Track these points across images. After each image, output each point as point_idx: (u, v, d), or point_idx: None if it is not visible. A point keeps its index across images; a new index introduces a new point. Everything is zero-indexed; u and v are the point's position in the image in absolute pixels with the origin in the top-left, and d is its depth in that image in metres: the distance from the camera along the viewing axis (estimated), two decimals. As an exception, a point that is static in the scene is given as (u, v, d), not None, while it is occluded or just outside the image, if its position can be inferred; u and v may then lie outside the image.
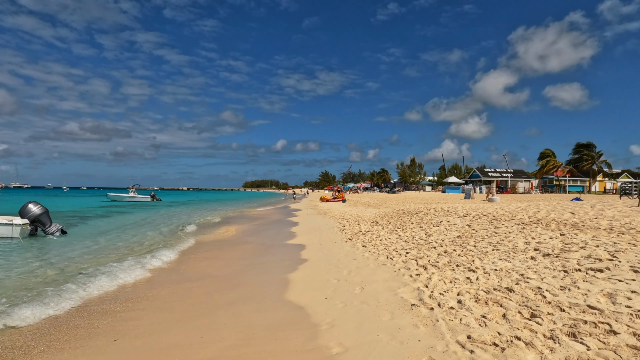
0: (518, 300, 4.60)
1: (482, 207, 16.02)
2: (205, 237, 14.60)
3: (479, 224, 10.87)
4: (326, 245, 10.61)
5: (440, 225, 11.52)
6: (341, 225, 15.21)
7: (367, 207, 26.68)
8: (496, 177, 71.92)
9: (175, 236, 14.73)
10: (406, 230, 11.46)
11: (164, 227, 18.12)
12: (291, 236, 13.54)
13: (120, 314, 5.53)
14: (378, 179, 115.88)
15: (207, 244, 12.87)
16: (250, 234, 15.59)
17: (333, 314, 4.86)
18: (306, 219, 21.37)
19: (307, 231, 14.91)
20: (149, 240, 13.46)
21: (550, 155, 66.01)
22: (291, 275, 7.36)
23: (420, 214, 14.90)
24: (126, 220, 21.67)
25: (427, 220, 12.81)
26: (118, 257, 10.13)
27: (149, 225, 19.00)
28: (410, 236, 10.25)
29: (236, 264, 9.17)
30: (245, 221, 21.78)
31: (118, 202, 47.56)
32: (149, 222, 20.48)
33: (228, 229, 17.17)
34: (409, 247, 8.80)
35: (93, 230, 16.90)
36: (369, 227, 13.47)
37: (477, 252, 7.51)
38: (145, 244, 12.69)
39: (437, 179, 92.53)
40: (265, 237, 13.99)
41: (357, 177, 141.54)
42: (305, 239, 12.46)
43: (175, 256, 10.32)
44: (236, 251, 11.16)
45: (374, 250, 8.90)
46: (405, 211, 17.26)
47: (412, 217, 14.51)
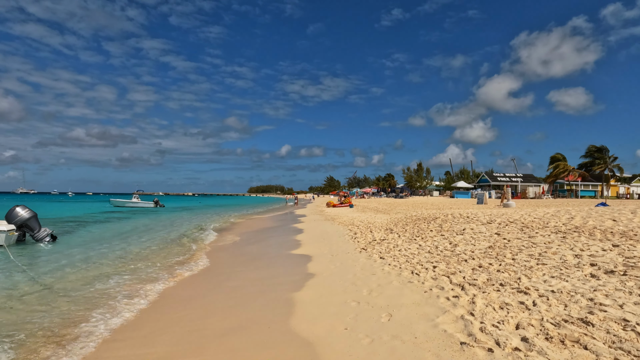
0: (605, 339, 3.44)
1: (504, 212, 14.80)
2: (200, 245, 13.52)
3: (509, 232, 9.68)
4: (338, 256, 9.47)
5: (464, 233, 10.34)
6: (352, 232, 14.06)
7: (376, 213, 25.50)
8: (505, 181, 70.39)
9: (168, 247, 13.68)
10: (426, 239, 10.30)
11: (161, 234, 17.08)
12: (296, 245, 12.42)
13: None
14: (384, 183, 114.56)
15: (202, 254, 11.79)
16: (251, 242, 14.49)
17: (359, 355, 3.72)
18: (312, 225, 20.24)
19: (315, 239, 13.78)
20: (141, 251, 12.41)
21: (561, 159, 64.45)
22: (298, 294, 6.23)
23: (438, 221, 13.73)
24: (123, 228, 20.66)
25: (448, 228, 11.64)
26: (103, 273, 9.08)
27: (146, 233, 17.97)
28: (433, 246, 9.09)
29: (233, 280, 8.06)
30: (245, 228, 20.71)
31: (120, 208, 46.71)
32: (147, 230, 19.45)
33: (226, 237, 16.10)
34: (434, 259, 7.65)
35: (86, 237, 15.88)
36: (383, 234, 12.32)
37: (519, 267, 6.34)
38: (133, 257, 11.64)
39: (444, 184, 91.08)
40: (267, 246, 12.89)
41: (362, 182, 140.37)
42: (312, 249, 11.33)
43: (164, 271, 9.24)
44: (233, 263, 10.05)
45: (394, 262, 7.75)
46: (420, 217, 16.08)
47: (429, 223, 13.34)
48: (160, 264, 9.96)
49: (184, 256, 11.27)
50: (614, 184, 70.33)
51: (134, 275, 8.65)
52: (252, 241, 14.82)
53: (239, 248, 13.06)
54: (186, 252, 11.91)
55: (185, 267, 9.67)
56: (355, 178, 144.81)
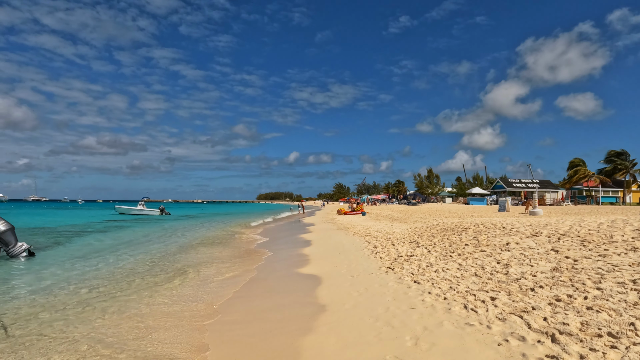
0: None
1: (540, 222, 12.97)
2: (191, 259, 11.92)
3: (569, 249, 7.91)
4: (359, 277, 7.77)
5: (511, 249, 8.59)
6: (371, 245, 12.36)
7: (392, 221, 23.74)
8: (521, 187, 68.01)
9: (157, 265, 12.14)
10: (464, 255, 8.56)
11: (157, 247, 15.56)
12: (303, 261, 10.76)
13: None
14: (394, 190, 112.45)
15: (190, 274, 10.19)
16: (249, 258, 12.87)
17: None
18: (323, 235, 18.55)
19: (327, 253, 12.10)
20: (122, 275, 10.87)
21: (580, 164, 61.97)
22: (308, 341, 4.56)
23: (470, 232, 11.96)
24: (120, 239, 19.18)
25: (486, 241, 9.88)
26: (57, 311, 7.52)
27: (142, 246, 16.45)
28: (478, 266, 7.36)
29: (221, 314, 6.42)
30: (247, 239, 19.12)
31: (126, 215, 45.53)
32: (144, 242, 17.93)
33: (223, 251, 14.52)
34: (487, 286, 5.93)
35: (71, 252, 14.37)
36: (409, 249, 10.59)
37: (615, 301, 4.61)
38: (108, 285, 10.09)
39: (456, 190, 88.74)
40: (267, 264, 11.25)
41: (371, 188, 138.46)
42: (324, 266, 9.65)
43: (142, 303, 7.66)
44: (224, 286, 8.42)
45: (435, 290, 6.05)
46: (446, 227, 14.31)
47: (460, 235, 11.59)
48: (136, 296, 8.37)
49: (169, 283, 9.61)
50: (636, 189, 67.56)
51: (94, 320, 7.06)
52: (251, 256, 13.21)
53: (234, 265, 11.45)
54: (174, 276, 10.32)
55: (160, 296, 8.07)
56: (365, 185, 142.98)
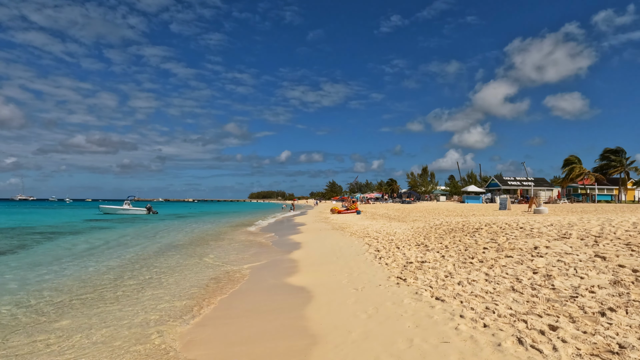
0: None
1: (563, 221, 11.68)
2: (165, 265, 10.44)
3: (616, 254, 6.59)
4: (365, 291, 6.36)
5: (542, 254, 7.25)
6: (372, 248, 10.97)
7: (389, 220, 22.41)
8: (516, 185, 67.36)
9: (121, 275, 10.65)
10: (487, 261, 7.21)
11: (134, 251, 14.03)
12: (290, 269, 9.35)
13: None
14: (387, 188, 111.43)
15: (156, 287, 8.74)
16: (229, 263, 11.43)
17: None
18: (317, 236, 17.15)
19: (322, 259, 10.69)
20: (71, 290, 9.37)
21: (576, 162, 61.23)
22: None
23: (483, 232, 10.63)
24: (95, 242, 17.56)
25: (508, 244, 8.54)
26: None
27: (115, 250, 14.90)
28: (511, 276, 5.99)
29: (185, 340, 4.98)
30: (230, 242, 17.65)
31: (111, 214, 43.65)
32: (119, 245, 16.35)
33: (202, 259, 13.06)
34: (535, 306, 4.56)
35: (33, 257, 12.78)
36: (417, 252, 9.22)
37: None
38: (46, 305, 8.59)
39: (449, 188, 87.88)
40: (248, 274, 9.82)
41: (364, 187, 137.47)
42: (317, 276, 8.24)
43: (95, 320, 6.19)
44: (186, 306, 6.98)
45: (467, 311, 4.66)
46: (453, 227, 12.98)
47: (473, 236, 10.25)
48: (71, 320, 6.89)
49: (122, 301, 8.19)
50: (631, 187, 67.20)
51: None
52: (232, 261, 11.76)
53: (211, 272, 9.99)
54: (136, 290, 8.85)
55: (99, 325, 6.60)
56: (357, 183, 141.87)
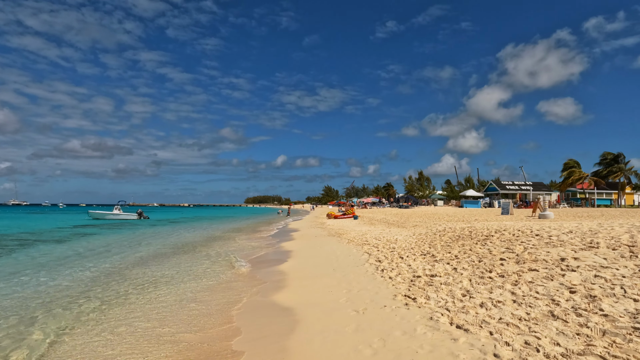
0: None
1: (583, 227, 10.68)
2: (142, 278, 9.31)
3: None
4: (368, 315, 5.29)
5: (573, 266, 6.22)
6: (372, 257, 9.91)
7: (388, 226, 21.37)
8: (515, 190, 66.62)
9: (92, 288, 9.55)
10: (509, 275, 6.17)
11: (112, 260, 12.88)
12: (279, 282, 8.27)
13: None
14: (383, 193, 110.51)
15: (124, 306, 7.63)
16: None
17: None
18: (312, 244, 16.07)
19: (316, 270, 9.62)
20: (28, 306, 8.26)
21: (575, 166, 60.59)
22: None
23: (494, 240, 9.60)
24: (75, 249, 16.40)
25: (527, 255, 7.51)
26: None
27: (94, 258, 13.76)
28: (544, 296, 4.95)
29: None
30: (215, 250, 16.55)
31: (100, 220, 42.33)
32: (100, 253, 15.20)
33: (179, 271, 11.95)
34: (591, 342, 3.52)
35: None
36: (423, 264, 8.17)
37: None
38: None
39: (446, 193, 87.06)
40: (225, 288, 8.73)
41: (360, 191, 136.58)
42: (308, 292, 7.17)
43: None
44: (153, 330, 5.90)
45: (502, 348, 3.61)
46: (459, 234, 11.95)
47: (483, 245, 9.22)
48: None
49: (80, 326, 7.08)
50: (629, 192, 66.62)
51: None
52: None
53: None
54: (106, 307, 7.74)
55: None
56: (354, 188, 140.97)
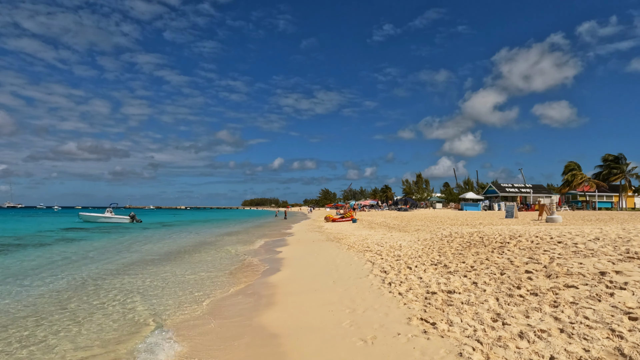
0: None
1: (601, 233, 9.71)
2: (119, 289, 8.27)
3: None
4: (379, 346, 4.28)
5: (621, 284, 5.25)
6: (376, 267, 8.90)
7: (389, 230, 20.38)
8: (514, 192, 65.82)
9: (45, 309, 8.51)
10: (543, 293, 5.19)
11: (90, 268, 11.81)
12: (268, 298, 7.26)
13: None
14: (381, 195, 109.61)
15: (83, 324, 6.61)
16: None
17: None
18: (308, 250, 15.07)
19: (314, 283, 8.61)
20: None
21: (576, 168, 59.85)
22: None
23: (511, 247, 8.61)
24: (55, 256, 15.32)
25: (557, 266, 6.54)
26: None
27: (72, 266, 12.70)
28: (600, 325, 3.97)
29: None
30: (203, 257, 15.53)
31: (91, 223, 41.16)
32: (80, 260, 14.14)
33: (166, 272, 10.93)
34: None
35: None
36: (435, 275, 7.17)
37: None
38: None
39: (445, 195, 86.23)
40: (210, 306, 7.71)
41: (358, 194, 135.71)
42: (303, 313, 6.17)
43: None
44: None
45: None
46: (468, 240, 10.96)
47: (500, 253, 8.24)
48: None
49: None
50: (630, 194, 65.92)
51: None
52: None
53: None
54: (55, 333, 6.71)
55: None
56: (351, 190, 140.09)
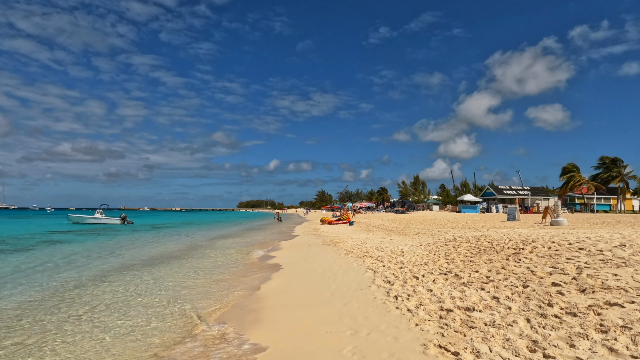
0: None
1: (622, 237, 8.86)
2: (83, 303, 7.30)
3: None
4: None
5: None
6: (379, 277, 7.98)
7: (388, 233, 19.50)
8: (512, 194, 65.21)
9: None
10: (585, 316, 4.31)
11: (63, 276, 10.78)
12: (254, 313, 6.33)
13: None
14: (377, 198, 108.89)
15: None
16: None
17: None
18: (302, 255, 14.14)
19: (304, 295, 7.69)
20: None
21: (575, 170, 59.28)
22: None
23: (527, 253, 7.73)
24: (29, 262, 14.29)
25: (587, 278, 5.66)
26: None
27: (48, 272, 11.67)
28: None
29: None
30: (190, 262, 14.57)
31: (80, 225, 39.96)
32: (62, 264, 13.13)
33: (132, 292, 9.97)
34: None
35: None
36: (448, 288, 6.27)
37: None
38: None
39: (441, 198, 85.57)
40: (178, 324, 6.77)
41: (354, 196, 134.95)
42: (294, 337, 5.25)
43: None
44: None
45: None
46: (477, 245, 10.08)
47: (518, 262, 7.36)
48: None
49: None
50: (628, 197, 65.51)
51: None
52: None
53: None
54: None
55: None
56: (347, 192, 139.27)
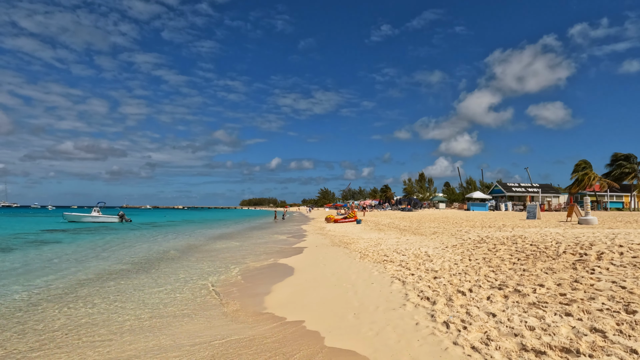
0: None
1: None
2: (60, 320, 5.91)
3: None
4: None
5: None
6: (411, 288, 6.54)
7: (401, 233, 18.04)
8: (522, 192, 63.56)
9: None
10: None
11: (47, 280, 9.38)
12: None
13: None
14: (381, 195, 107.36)
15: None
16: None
17: None
18: (312, 258, 12.72)
19: (320, 320, 6.28)
20: None
21: (587, 167, 57.56)
22: None
23: (591, 259, 6.27)
24: (13, 262, 12.92)
25: None
26: None
27: (26, 277, 10.27)
28: None
29: None
30: (183, 268, 13.18)
31: (76, 223, 38.68)
32: (44, 268, 11.75)
33: (115, 305, 8.55)
34: None
35: None
36: (516, 310, 4.83)
37: None
38: None
39: (446, 195, 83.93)
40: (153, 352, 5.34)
41: (357, 194, 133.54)
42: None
43: None
44: None
45: None
46: (520, 249, 8.62)
47: (591, 272, 5.90)
48: None
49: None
50: (639, 194, 63.70)
51: None
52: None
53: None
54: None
55: None
56: (350, 190, 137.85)
